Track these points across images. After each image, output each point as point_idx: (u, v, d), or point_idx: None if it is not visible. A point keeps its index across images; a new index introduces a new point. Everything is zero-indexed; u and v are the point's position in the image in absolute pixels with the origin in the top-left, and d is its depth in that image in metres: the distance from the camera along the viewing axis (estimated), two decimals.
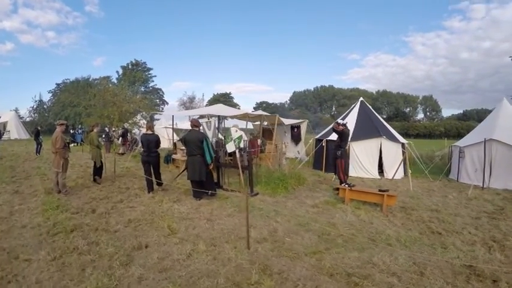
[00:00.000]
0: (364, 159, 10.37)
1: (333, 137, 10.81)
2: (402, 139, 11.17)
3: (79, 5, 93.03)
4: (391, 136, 10.78)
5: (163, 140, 10.72)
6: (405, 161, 10.05)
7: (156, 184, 7.25)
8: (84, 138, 21.81)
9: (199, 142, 6.36)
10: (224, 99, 50.85)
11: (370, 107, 12.46)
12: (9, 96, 77.31)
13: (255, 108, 60.71)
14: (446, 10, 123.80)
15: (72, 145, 18.23)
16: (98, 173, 8.34)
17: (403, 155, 10.33)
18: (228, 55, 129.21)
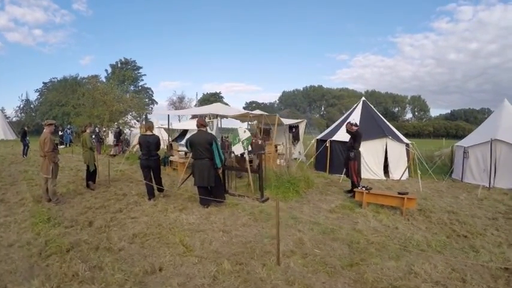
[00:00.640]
0: (369, 160, 10.05)
1: (338, 138, 10.71)
2: (405, 139, 10.99)
3: (67, 3, 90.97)
4: (396, 136, 10.61)
5: None
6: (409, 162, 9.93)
7: (157, 190, 6.63)
8: (73, 138, 20.80)
9: (207, 144, 5.78)
10: (214, 99, 49.90)
11: (372, 107, 12.18)
12: None
13: (245, 108, 60.07)
14: (434, 11, 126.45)
15: (61, 147, 17.23)
16: (92, 178, 7.62)
17: (410, 156, 10.18)
18: (217, 54, 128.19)
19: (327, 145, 10.74)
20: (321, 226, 4.95)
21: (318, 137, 12.42)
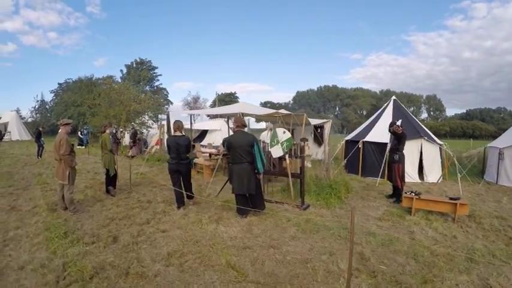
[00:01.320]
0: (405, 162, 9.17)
1: (371, 138, 9.98)
2: (439, 140, 10.18)
3: (81, 6, 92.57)
4: (430, 137, 9.82)
5: None
6: (444, 164, 9.52)
7: (187, 197, 5.83)
8: (89, 139, 20.33)
9: (248, 146, 4.95)
10: (229, 99, 49.33)
11: (403, 106, 11.30)
12: (10, 97, 76.72)
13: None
14: (447, 9, 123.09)
15: (77, 147, 16.74)
16: (112, 183, 6.85)
17: (446, 157, 9.58)
18: (230, 55, 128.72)
19: (359, 146, 9.95)
20: (377, 237, 4.42)
21: (348, 138, 11.65)
